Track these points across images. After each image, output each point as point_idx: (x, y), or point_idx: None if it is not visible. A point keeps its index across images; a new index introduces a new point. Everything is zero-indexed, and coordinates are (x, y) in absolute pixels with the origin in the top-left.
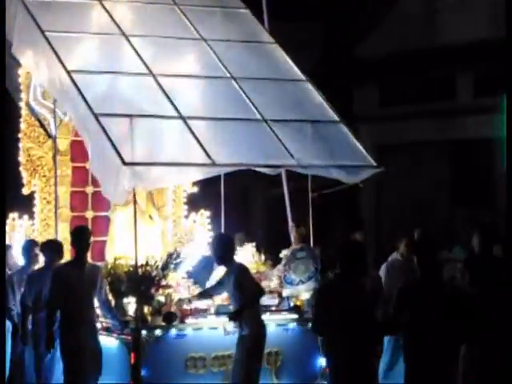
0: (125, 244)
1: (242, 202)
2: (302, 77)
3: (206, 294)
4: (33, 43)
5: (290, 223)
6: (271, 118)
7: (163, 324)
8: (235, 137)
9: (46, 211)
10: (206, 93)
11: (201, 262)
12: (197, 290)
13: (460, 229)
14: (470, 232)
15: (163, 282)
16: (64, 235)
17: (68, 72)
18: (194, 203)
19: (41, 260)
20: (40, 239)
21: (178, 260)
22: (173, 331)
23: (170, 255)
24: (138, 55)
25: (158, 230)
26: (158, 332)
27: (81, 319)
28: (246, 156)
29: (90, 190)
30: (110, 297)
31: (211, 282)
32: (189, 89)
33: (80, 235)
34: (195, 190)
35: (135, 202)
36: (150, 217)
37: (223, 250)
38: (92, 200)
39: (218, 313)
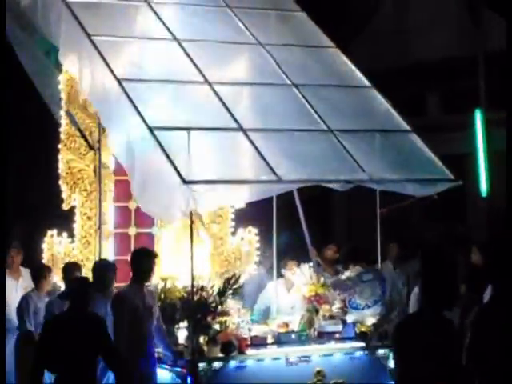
0: (171, 263)
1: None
2: (367, 83)
3: None
4: (77, 48)
5: (310, 246)
6: (337, 128)
7: (221, 355)
8: (300, 149)
9: (87, 228)
10: (265, 102)
11: (248, 282)
12: (247, 313)
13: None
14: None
15: (220, 309)
16: (105, 254)
17: (118, 81)
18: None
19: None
20: (80, 258)
21: (237, 285)
22: (232, 363)
23: (227, 280)
24: (193, 62)
25: (206, 249)
26: (216, 364)
27: (143, 350)
28: (312, 170)
29: (132, 205)
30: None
31: (260, 304)
32: (247, 97)
33: (144, 258)
34: (243, 205)
35: (192, 222)
36: (198, 234)
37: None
38: (135, 216)
39: (279, 342)
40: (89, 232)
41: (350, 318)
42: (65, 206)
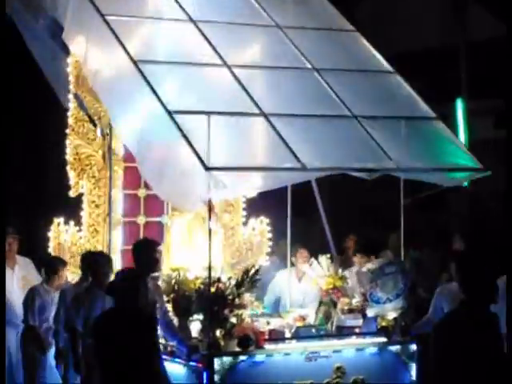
0: (182, 254)
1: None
2: (390, 68)
3: None
4: (85, 28)
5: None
6: (361, 114)
7: (238, 350)
8: (323, 136)
9: (95, 216)
10: (285, 86)
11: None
12: (260, 305)
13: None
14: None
15: (237, 302)
16: (114, 243)
17: (135, 62)
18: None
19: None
20: (87, 247)
21: (256, 277)
22: (249, 358)
23: (246, 271)
24: (210, 43)
25: (218, 239)
26: (233, 359)
27: None
28: (337, 158)
29: (142, 192)
30: (172, 316)
31: (270, 295)
32: (266, 81)
33: (143, 249)
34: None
35: (210, 210)
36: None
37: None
38: (144, 204)
39: (298, 337)
40: (97, 220)
41: (370, 312)
42: (72, 193)
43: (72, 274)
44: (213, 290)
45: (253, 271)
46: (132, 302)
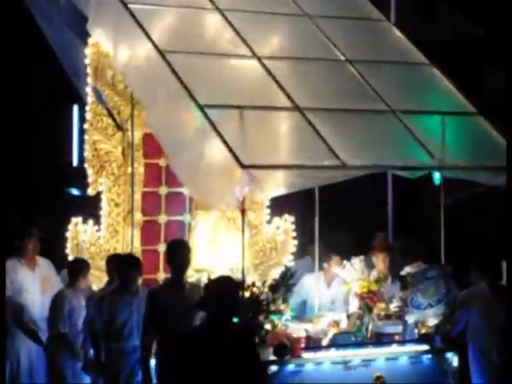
0: (206, 254)
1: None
2: (425, 60)
3: None
4: (111, 18)
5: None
6: (399, 108)
7: (274, 358)
8: (360, 132)
9: (114, 215)
10: (317, 78)
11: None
12: (288, 309)
13: None
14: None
15: (272, 308)
16: (134, 243)
17: (161, 52)
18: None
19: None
20: (107, 248)
21: (292, 281)
22: (287, 367)
23: (283, 275)
24: (238, 34)
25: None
26: (269, 368)
27: None
28: (376, 155)
29: (163, 190)
30: None
31: (295, 298)
32: (298, 74)
33: (177, 250)
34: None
35: (244, 211)
36: (235, 222)
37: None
38: (165, 202)
39: (336, 344)
40: (116, 220)
41: (410, 318)
42: (91, 192)
43: (91, 276)
44: (246, 294)
45: (288, 274)
46: (231, 316)
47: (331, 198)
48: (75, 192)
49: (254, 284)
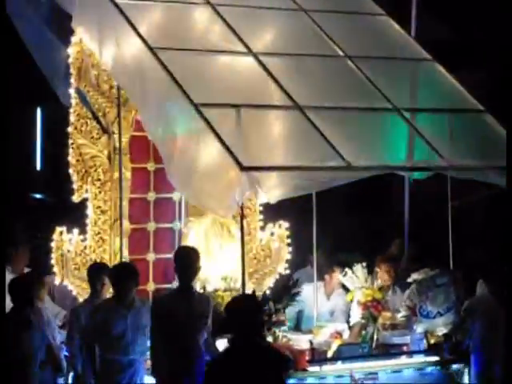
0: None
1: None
2: (428, 56)
3: None
4: (96, 14)
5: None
6: (403, 106)
7: None
8: (365, 131)
9: (101, 223)
10: (317, 75)
11: (279, 282)
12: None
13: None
14: None
15: (274, 318)
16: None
17: (151, 49)
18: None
19: None
20: (93, 257)
21: (296, 290)
22: (290, 381)
23: (285, 284)
24: (232, 29)
25: (237, 246)
26: None
27: (186, 366)
28: (383, 156)
29: (152, 196)
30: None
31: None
32: (296, 70)
33: (185, 258)
34: None
35: (243, 216)
36: (228, 229)
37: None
38: (154, 209)
39: (342, 356)
40: (102, 228)
41: (419, 328)
42: (75, 199)
43: (77, 288)
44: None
45: (292, 283)
46: (256, 337)
47: (331, 200)
48: (38, 197)
49: (254, 293)
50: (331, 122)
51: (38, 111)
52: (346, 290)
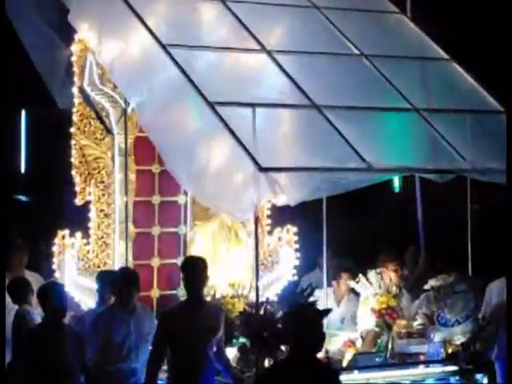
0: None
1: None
2: (444, 55)
3: None
4: (97, 7)
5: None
6: (423, 107)
7: None
8: (384, 132)
9: (104, 227)
10: (332, 74)
11: (287, 289)
12: None
13: None
14: None
15: None
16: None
17: (163, 46)
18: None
19: None
20: (96, 262)
21: (312, 298)
22: None
23: (301, 290)
24: (244, 26)
25: (245, 251)
26: None
27: (195, 380)
28: (404, 157)
29: (156, 199)
30: None
31: None
32: (312, 69)
33: (192, 267)
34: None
35: (257, 219)
36: (236, 234)
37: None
38: (159, 212)
39: (358, 366)
40: (106, 232)
41: (437, 337)
42: (78, 202)
43: (79, 294)
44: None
45: (309, 290)
46: (316, 351)
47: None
48: (23, 199)
49: (268, 301)
50: (349, 122)
51: (23, 113)
52: (357, 294)
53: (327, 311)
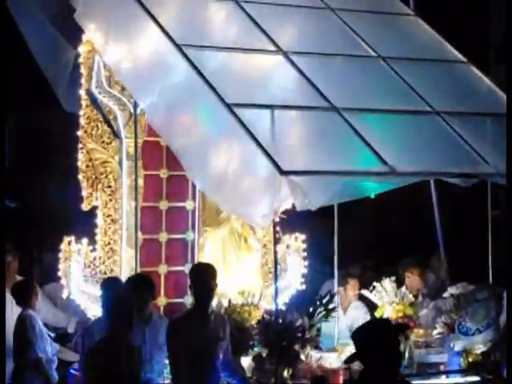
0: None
1: None
2: (462, 57)
3: None
4: (105, 8)
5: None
6: (443, 109)
7: None
8: (405, 135)
9: (111, 233)
10: (350, 76)
11: (294, 298)
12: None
13: None
14: None
15: (307, 335)
16: (132, 264)
17: (178, 46)
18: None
19: None
20: (103, 269)
21: (332, 305)
22: None
23: (320, 298)
24: (259, 27)
25: (255, 258)
26: None
27: None
28: (427, 161)
29: (164, 205)
30: None
31: None
32: (328, 70)
33: (200, 275)
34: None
35: (275, 225)
36: (246, 240)
37: None
38: (166, 218)
39: None
40: (113, 238)
41: (457, 346)
42: (85, 207)
43: (85, 302)
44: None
45: (328, 298)
46: (395, 367)
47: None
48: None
49: (287, 309)
50: (368, 125)
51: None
52: (364, 301)
53: (405, 326)
